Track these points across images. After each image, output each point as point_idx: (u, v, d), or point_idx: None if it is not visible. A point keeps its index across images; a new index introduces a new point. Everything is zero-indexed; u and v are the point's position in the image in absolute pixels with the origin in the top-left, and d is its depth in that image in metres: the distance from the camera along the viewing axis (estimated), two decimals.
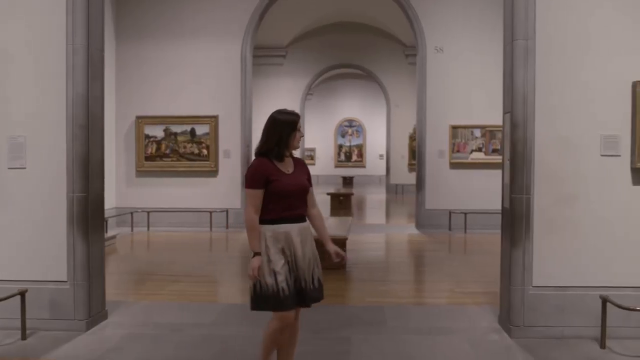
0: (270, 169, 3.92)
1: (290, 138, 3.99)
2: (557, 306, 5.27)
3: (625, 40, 5.24)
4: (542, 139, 5.26)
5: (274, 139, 3.96)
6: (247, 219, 3.92)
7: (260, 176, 3.89)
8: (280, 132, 3.97)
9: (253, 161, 4.00)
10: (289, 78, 23.13)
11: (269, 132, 3.98)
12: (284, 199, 3.92)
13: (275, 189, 3.89)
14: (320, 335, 5.44)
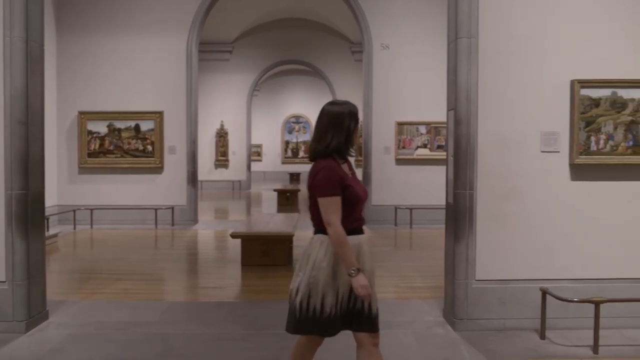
0: (342, 172, 3.35)
1: (354, 133, 3.44)
2: (499, 299, 5.38)
3: (564, 40, 5.38)
4: (485, 135, 5.36)
5: (343, 135, 3.39)
6: (336, 232, 3.24)
7: (337, 180, 3.29)
8: (348, 126, 3.40)
9: (320, 163, 3.36)
10: (236, 74, 23.00)
11: (335, 127, 3.38)
12: (356, 207, 3.39)
13: (350, 196, 3.34)
14: (266, 331, 5.43)
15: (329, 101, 3.55)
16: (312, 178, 3.36)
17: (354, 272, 3.26)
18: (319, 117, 3.45)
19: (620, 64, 5.40)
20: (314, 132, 3.44)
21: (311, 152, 3.44)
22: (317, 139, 3.40)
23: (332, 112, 3.41)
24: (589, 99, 5.35)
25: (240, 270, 8.17)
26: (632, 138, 5.40)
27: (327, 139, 3.36)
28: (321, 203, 3.29)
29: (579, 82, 5.31)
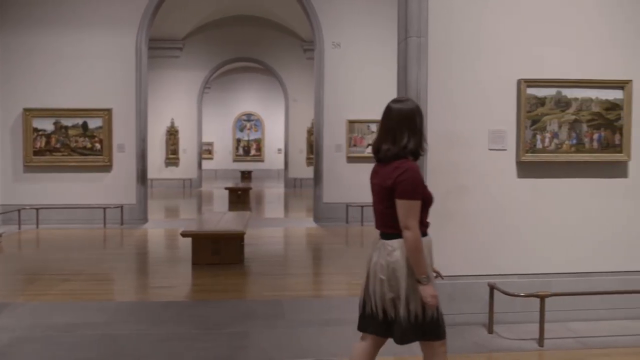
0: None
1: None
2: (449, 295, 5.45)
3: (512, 40, 5.48)
4: (434, 133, 5.41)
5: (418, 136, 3.26)
6: (415, 237, 3.13)
7: (421, 184, 3.19)
8: (420, 125, 3.28)
9: (403, 164, 3.20)
10: (186, 71, 22.82)
11: (410, 127, 3.25)
12: (427, 210, 3.31)
13: (427, 197, 3.27)
14: (217, 330, 5.39)
15: (393, 99, 3.42)
16: (392, 179, 3.18)
17: (425, 280, 3.18)
18: (388, 116, 3.32)
19: (564, 64, 5.53)
20: (384, 131, 3.30)
21: (383, 153, 3.27)
22: (391, 139, 3.25)
23: (403, 111, 3.28)
24: (535, 98, 5.47)
25: (191, 269, 8.10)
26: (575, 136, 5.55)
27: (403, 140, 3.23)
28: (402, 205, 3.15)
29: (525, 81, 5.42)
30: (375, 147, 3.35)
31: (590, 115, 5.56)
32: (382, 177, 3.26)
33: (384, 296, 3.27)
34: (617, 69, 5.60)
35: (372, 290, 3.32)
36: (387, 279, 3.24)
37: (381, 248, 3.30)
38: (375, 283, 3.30)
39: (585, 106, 5.54)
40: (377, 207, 3.35)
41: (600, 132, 5.58)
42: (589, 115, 5.55)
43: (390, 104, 3.34)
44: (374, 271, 3.32)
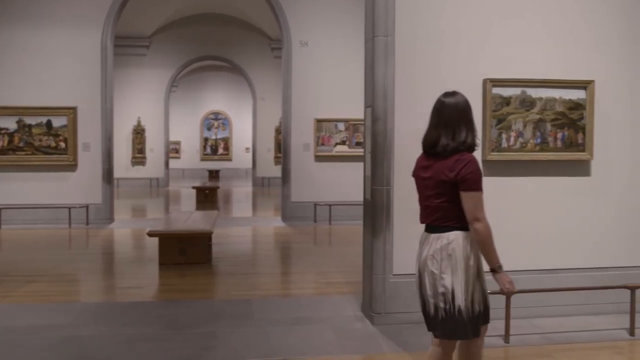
0: None
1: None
2: (416, 292, 5.48)
3: (477, 40, 5.54)
4: (402, 132, 5.45)
5: (473, 129, 3.30)
6: (487, 227, 3.18)
7: (481, 175, 3.22)
8: (472, 118, 3.35)
9: (464, 156, 3.21)
10: (153, 69, 22.62)
11: (466, 121, 3.29)
12: None
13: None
14: (185, 331, 5.36)
15: (443, 93, 3.41)
16: (454, 172, 3.18)
17: (500, 268, 3.22)
18: (441, 110, 3.31)
19: (529, 64, 5.60)
20: (441, 126, 3.29)
21: (442, 147, 3.25)
22: (450, 134, 3.25)
23: (459, 106, 3.30)
24: (500, 98, 5.53)
25: (158, 269, 8.03)
26: (540, 135, 5.62)
27: (461, 135, 3.24)
28: (470, 197, 3.16)
29: (490, 81, 5.48)
30: (429, 141, 3.33)
31: (554, 115, 5.64)
32: (438, 171, 3.25)
33: (435, 290, 3.25)
34: (580, 69, 5.70)
35: (423, 285, 3.33)
36: (439, 272, 3.23)
37: (433, 242, 3.29)
38: (426, 278, 3.29)
39: (549, 106, 5.63)
40: (430, 201, 3.32)
41: (563, 132, 5.67)
42: (553, 114, 5.64)
43: (443, 99, 3.33)
44: (423, 266, 3.32)
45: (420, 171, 3.41)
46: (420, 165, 3.42)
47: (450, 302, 3.20)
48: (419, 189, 3.42)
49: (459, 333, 3.26)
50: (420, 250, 3.39)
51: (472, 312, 3.23)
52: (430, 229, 3.34)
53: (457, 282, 3.19)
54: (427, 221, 3.35)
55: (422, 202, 3.41)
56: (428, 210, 3.34)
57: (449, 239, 3.23)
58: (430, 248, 3.28)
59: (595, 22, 5.73)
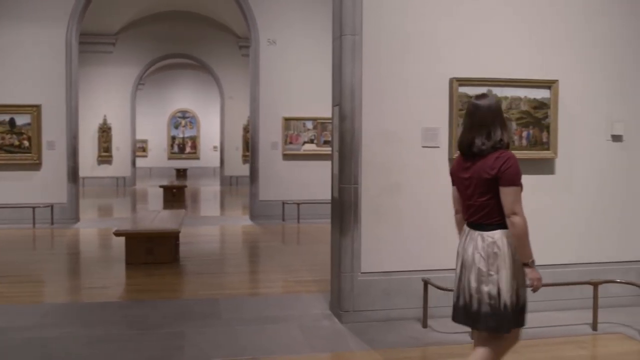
0: None
1: None
2: (384, 290, 5.52)
3: (444, 39, 5.58)
4: (369, 130, 5.47)
5: (507, 129, 3.46)
6: (524, 221, 3.31)
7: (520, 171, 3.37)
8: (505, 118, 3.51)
9: (504, 154, 3.35)
10: (119, 67, 22.36)
11: (501, 122, 3.42)
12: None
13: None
14: (152, 331, 5.32)
15: (476, 95, 3.56)
16: (495, 169, 3.31)
17: (532, 263, 3.33)
18: (476, 112, 3.42)
19: (495, 64, 5.67)
20: (476, 127, 3.40)
21: (478, 147, 3.38)
22: (485, 134, 3.37)
23: (493, 107, 3.42)
24: (467, 97, 5.57)
25: (125, 269, 7.95)
26: None
27: (497, 135, 3.37)
28: (509, 192, 3.29)
29: (457, 80, 5.53)
30: (466, 143, 3.44)
31: (519, 114, 5.72)
32: (479, 170, 3.36)
33: (480, 287, 3.35)
34: (544, 69, 5.78)
35: (467, 282, 3.41)
36: (487, 270, 3.33)
37: (478, 239, 3.39)
38: (471, 273, 3.39)
39: (514, 105, 5.70)
40: (474, 200, 3.42)
41: (529, 130, 5.75)
42: (518, 113, 5.72)
43: (476, 102, 3.45)
44: (470, 262, 3.40)
45: (460, 172, 3.52)
46: (460, 167, 3.53)
47: (496, 297, 3.31)
48: (460, 189, 3.55)
49: (504, 327, 3.37)
50: (463, 246, 3.51)
51: (517, 306, 3.36)
52: (474, 226, 3.45)
53: (503, 279, 3.31)
54: (472, 219, 3.47)
55: (464, 201, 3.52)
56: (472, 208, 3.46)
57: (494, 237, 3.35)
58: (477, 246, 3.39)
59: (559, 24, 5.81)
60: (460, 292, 3.49)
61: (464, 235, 3.53)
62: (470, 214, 3.48)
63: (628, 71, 6.00)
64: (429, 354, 4.82)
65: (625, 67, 5.99)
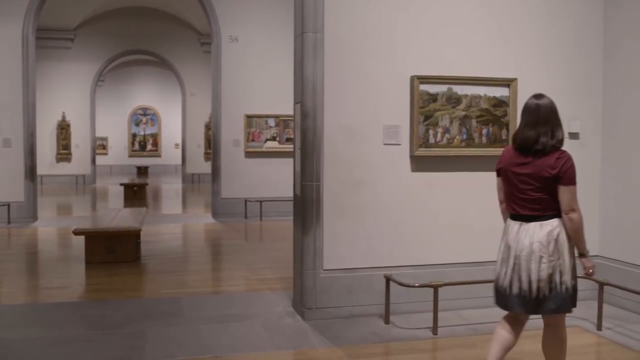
0: None
1: None
2: (347, 287, 5.55)
3: (406, 37, 5.62)
4: (331, 128, 5.48)
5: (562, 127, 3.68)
6: (581, 217, 3.56)
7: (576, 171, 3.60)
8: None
9: (563, 154, 3.57)
10: (78, 63, 22.03)
11: (558, 117, 3.65)
12: None
13: None
14: (113, 331, 5.25)
15: (534, 95, 3.72)
16: (557, 168, 3.52)
17: (587, 253, 3.65)
18: (539, 111, 3.60)
19: (456, 62, 5.73)
20: (540, 125, 3.58)
21: (542, 145, 3.56)
22: (549, 133, 3.57)
23: (553, 106, 3.63)
24: (428, 94, 5.63)
25: (85, 268, 7.84)
26: (465, 132, 5.76)
27: (559, 133, 3.59)
28: (568, 190, 3.53)
29: (418, 78, 5.58)
30: (529, 140, 3.60)
31: (479, 112, 5.79)
32: (540, 168, 3.56)
33: (541, 273, 3.55)
34: (504, 67, 5.86)
35: (526, 270, 3.58)
36: (547, 256, 3.54)
37: (536, 229, 3.58)
38: (531, 262, 3.57)
39: (474, 102, 5.77)
40: (528, 194, 3.61)
41: (488, 128, 5.82)
42: (478, 111, 5.78)
43: (537, 101, 3.64)
44: (528, 252, 3.57)
45: (514, 167, 3.68)
46: (514, 162, 3.69)
47: (558, 281, 3.55)
48: (511, 182, 3.71)
49: (565, 307, 3.61)
50: (516, 238, 3.66)
51: (574, 288, 3.62)
52: (528, 218, 3.63)
53: (564, 263, 3.56)
54: (525, 212, 3.64)
55: (515, 194, 3.69)
56: (525, 202, 3.64)
57: (553, 225, 3.57)
58: (534, 235, 3.57)
59: (518, 24, 5.90)
60: (513, 280, 3.65)
61: (514, 227, 3.70)
62: (522, 206, 3.66)
63: (584, 71, 6.12)
64: (391, 350, 4.86)
65: (581, 66, 6.11)
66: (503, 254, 3.74)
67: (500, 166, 3.81)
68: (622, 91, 5.94)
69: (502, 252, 3.75)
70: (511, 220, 3.74)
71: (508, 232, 3.74)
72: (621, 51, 5.96)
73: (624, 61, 5.94)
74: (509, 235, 3.71)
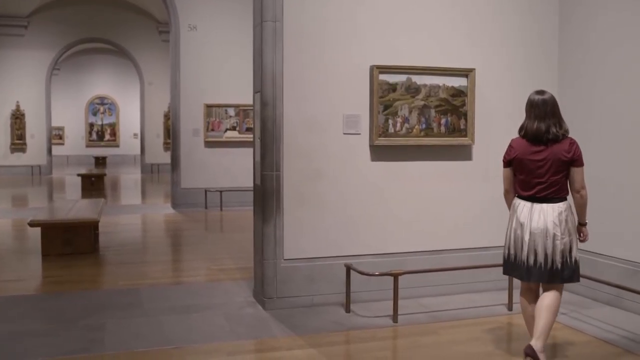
0: None
1: None
2: (307, 276, 5.56)
3: (365, 27, 5.63)
4: (291, 117, 5.48)
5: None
6: (586, 193, 4.14)
7: None
8: None
9: (572, 140, 4.09)
10: (32, 51, 21.58)
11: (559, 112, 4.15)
12: None
13: None
14: (71, 324, 5.17)
15: (538, 91, 4.17)
16: (571, 153, 4.03)
17: (586, 224, 4.24)
18: (546, 104, 4.05)
19: (415, 52, 5.76)
20: (549, 117, 4.04)
21: (554, 134, 4.03)
22: (558, 124, 4.05)
23: (555, 100, 4.11)
24: (387, 84, 5.66)
25: (41, 260, 7.71)
26: (424, 121, 5.80)
27: (564, 124, 4.09)
28: (579, 171, 4.08)
29: (377, 67, 5.60)
30: (541, 130, 4.05)
31: (438, 101, 5.84)
32: (556, 153, 4.04)
33: (555, 249, 4.03)
34: (462, 58, 5.91)
35: (542, 245, 4.05)
36: (560, 234, 4.03)
37: (549, 210, 4.06)
38: (546, 239, 4.04)
39: (433, 92, 5.81)
40: (545, 178, 4.07)
41: (447, 117, 5.87)
42: (437, 101, 5.83)
43: (544, 96, 4.08)
44: (543, 229, 4.04)
45: (529, 155, 4.10)
46: (530, 151, 4.10)
47: (568, 255, 4.06)
48: (528, 169, 4.11)
49: (574, 278, 4.13)
50: (529, 217, 4.12)
51: (577, 262, 4.13)
52: (542, 200, 4.09)
53: (573, 241, 4.10)
54: (541, 194, 4.09)
55: (531, 179, 4.11)
56: (542, 185, 4.08)
57: (562, 208, 4.08)
58: (548, 215, 4.06)
59: (476, 14, 5.96)
60: (529, 255, 4.10)
61: (526, 208, 4.13)
62: (538, 190, 4.09)
63: (540, 62, 6.21)
64: (352, 338, 4.89)
65: (539, 57, 6.20)
66: (516, 231, 4.19)
67: (514, 156, 4.17)
68: (579, 84, 6.04)
69: (514, 229, 4.20)
70: (521, 200, 4.18)
71: (518, 211, 4.18)
72: (578, 46, 6.06)
73: (579, 54, 6.04)
74: (521, 214, 4.15)
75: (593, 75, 5.86)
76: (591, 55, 5.89)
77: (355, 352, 4.71)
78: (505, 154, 4.26)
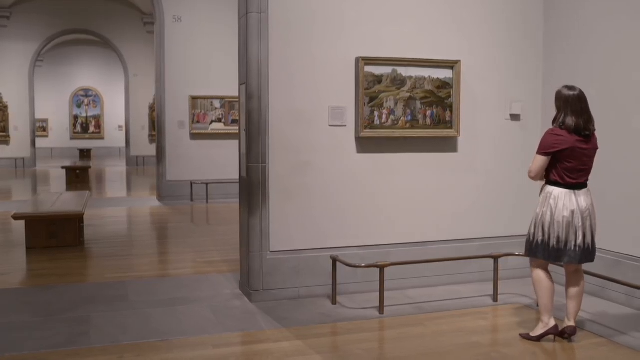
0: None
1: None
2: (294, 269, 5.57)
3: (351, 19, 5.62)
4: (277, 109, 5.47)
5: None
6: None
7: None
8: None
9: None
10: (15, 42, 21.40)
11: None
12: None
13: None
14: (57, 317, 5.15)
15: (571, 87, 4.38)
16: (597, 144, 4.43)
17: None
18: (582, 100, 4.32)
19: (401, 44, 5.77)
20: (584, 112, 4.33)
21: (593, 126, 4.37)
22: (590, 119, 4.34)
23: (585, 96, 4.36)
24: (373, 76, 5.66)
25: (26, 254, 7.66)
26: (410, 113, 5.81)
27: (592, 119, 4.38)
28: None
29: (363, 59, 5.59)
30: (581, 126, 4.32)
31: (423, 93, 5.85)
32: (594, 144, 4.41)
33: (592, 230, 4.43)
34: (447, 49, 5.92)
35: (582, 228, 4.36)
36: (593, 217, 4.43)
37: (586, 195, 4.42)
38: (587, 220, 4.38)
39: (419, 84, 5.82)
40: (588, 165, 4.42)
41: (432, 109, 5.89)
42: (422, 93, 5.84)
43: (576, 93, 4.35)
44: (588, 213, 4.39)
45: (579, 144, 4.34)
46: (578, 142, 4.33)
47: (593, 237, 4.46)
48: (577, 159, 4.35)
49: (594, 257, 4.50)
50: (576, 203, 4.37)
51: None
52: (581, 186, 4.41)
53: (595, 223, 4.46)
54: (582, 180, 4.41)
55: (579, 168, 4.38)
56: (585, 172, 4.43)
57: (590, 192, 4.46)
58: (587, 199, 4.42)
59: (461, 6, 5.97)
60: (569, 238, 4.36)
61: (572, 195, 4.37)
62: (581, 176, 4.39)
63: (525, 54, 6.24)
64: (339, 330, 4.90)
65: (523, 49, 6.22)
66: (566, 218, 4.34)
67: (565, 146, 4.32)
68: (564, 74, 6.06)
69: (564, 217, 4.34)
70: (561, 189, 4.38)
71: (565, 199, 4.36)
72: (563, 37, 6.08)
73: (564, 44, 6.06)
74: (569, 202, 4.36)
75: (577, 65, 5.89)
76: (575, 46, 5.92)
77: (341, 343, 4.72)
78: (555, 143, 4.33)
